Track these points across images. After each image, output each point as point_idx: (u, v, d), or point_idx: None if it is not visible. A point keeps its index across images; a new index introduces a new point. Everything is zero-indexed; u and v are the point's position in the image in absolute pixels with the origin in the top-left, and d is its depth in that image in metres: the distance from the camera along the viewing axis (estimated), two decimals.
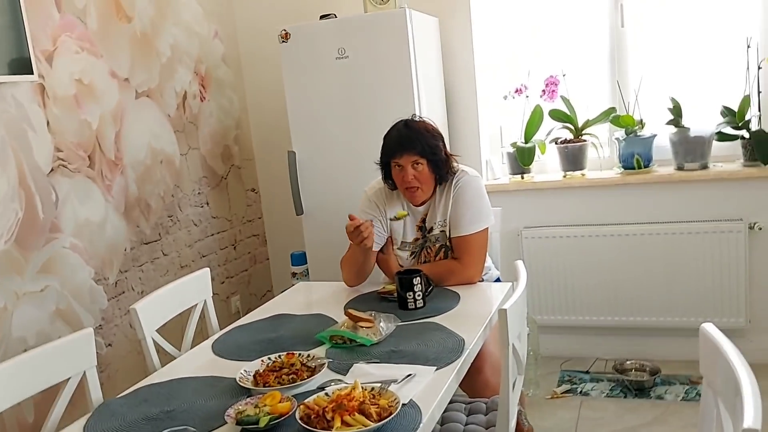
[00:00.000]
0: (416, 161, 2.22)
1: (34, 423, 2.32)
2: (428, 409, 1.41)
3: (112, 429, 1.46)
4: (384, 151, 2.30)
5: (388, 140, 2.29)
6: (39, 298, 2.39)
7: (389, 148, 2.27)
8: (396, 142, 2.25)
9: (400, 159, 2.23)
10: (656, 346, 3.20)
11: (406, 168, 2.23)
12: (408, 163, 2.22)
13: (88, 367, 1.71)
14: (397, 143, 2.24)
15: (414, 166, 2.22)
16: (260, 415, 1.37)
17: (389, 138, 2.29)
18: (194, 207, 3.28)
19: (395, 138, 2.26)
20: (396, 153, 2.24)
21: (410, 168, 2.22)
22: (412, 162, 2.22)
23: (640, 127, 3.09)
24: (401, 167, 2.24)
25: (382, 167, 2.34)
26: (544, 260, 3.26)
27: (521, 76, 3.28)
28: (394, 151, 2.25)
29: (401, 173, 2.25)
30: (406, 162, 2.22)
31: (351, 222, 2.16)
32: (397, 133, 2.27)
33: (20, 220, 2.33)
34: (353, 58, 2.93)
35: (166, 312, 2.11)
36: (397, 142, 2.24)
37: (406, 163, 2.22)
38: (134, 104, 2.91)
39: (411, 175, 2.22)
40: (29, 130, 2.38)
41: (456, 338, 1.77)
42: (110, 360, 2.70)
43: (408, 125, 2.28)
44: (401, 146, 2.23)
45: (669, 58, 3.14)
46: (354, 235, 2.16)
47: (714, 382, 1.23)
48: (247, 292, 3.70)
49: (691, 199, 3.04)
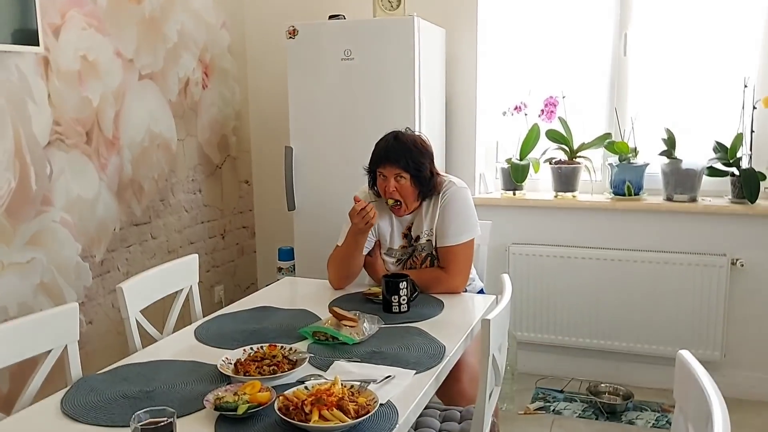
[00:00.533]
0: (399, 174, 2.25)
1: (8, 394, 2.31)
2: (405, 410, 1.42)
3: (90, 404, 1.46)
4: (371, 158, 2.34)
5: (377, 149, 2.33)
6: (24, 270, 2.39)
7: (376, 157, 2.31)
8: (383, 152, 2.29)
9: (384, 169, 2.27)
10: (631, 371, 3.24)
11: (389, 179, 2.26)
12: (391, 175, 2.25)
13: (70, 342, 1.72)
14: (383, 154, 2.28)
15: (397, 179, 2.25)
16: (239, 402, 1.38)
17: (378, 147, 2.33)
18: (187, 193, 3.29)
19: (382, 148, 2.30)
20: (381, 163, 2.28)
21: (393, 180, 2.26)
22: (395, 174, 2.25)
23: (633, 154, 3.14)
24: (385, 177, 2.27)
25: (369, 174, 2.37)
26: (529, 277, 3.29)
27: (522, 94, 3.32)
28: (379, 161, 2.29)
29: (384, 183, 2.28)
30: (390, 173, 2.26)
31: (358, 204, 2.19)
32: (385, 144, 2.30)
33: (12, 190, 2.33)
34: (358, 61, 2.95)
35: (152, 294, 2.11)
36: (384, 153, 2.28)
37: (389, 174, 2.26)
38: (137, 86, 2.91)
39: (392, 186, 2.26)
40: (30, 102, 2.39)
41: (437, 344, 1.79)
42: (90, 338, 2.70)
43: (398, 138, 2.30)
44: (386, 158, 2.26)
45: (668, 89, 3.19)
46: (359, 216, 2.18)
47: (686, 408, 1.26)
48: (232, 283, 3.70)
49: (678, 230, 3.09)
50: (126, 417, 1.29)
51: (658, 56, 3.19)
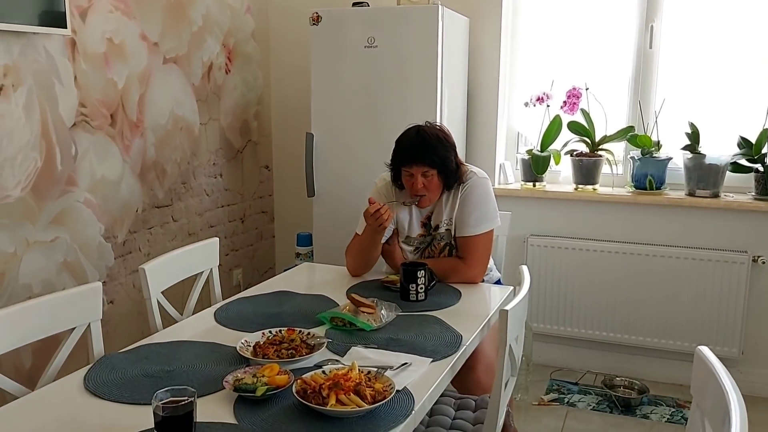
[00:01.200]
0: (426, 171, 2.23)
1: (31, 369, 2.36)
2: (421, 397, 1.44)
3: (112, 381, 1.49)
4: (395, 157, 2.30)
5: (400, 148, 2.28)
6: (48, 248, 2.43)
7: (401, 157, 2.27)
8: (408, 152, 2.24)
9: (411, 168, 2.24)
10: (647, 366, 3.23)
11: (416, 177, 2.23)
12: (418, 173, 2.23)
13: (93, 320, 1.75)
14: (408, 153, 2.24)
15: (423, 175, 2.23)
16: (258, 384, 1.40)
17: (401, 146, 2.28)
18: (208, 177, 3.32)
19: (407, 147, 2.25)
20: (407, 163, 2.24)
21: (420, 177, 2.23)
22: (422, 172, 2.22)
23: (656, 148, 3.11)
24: (411, 175, 2.25)
25: (392, 170, 2.34)
26: (546, 269, 3.28)
27: (544, 85, 3.30)
28: (404, 161, 2.25)
29: (411, 181, 2.25)
30: (417, 171, 2.23)
31: (372, 205, 2.18)
32: (410, 142, 2.25)
33: (38, 170, 2.37)
34: (382, 49, 2.95)
35: (173, 276, 2.14)
36: (409, 153, 2.23)
37: (416, 172, 2.23)
38: (161, 69, 2.94)
39: (420, 183, 2.23)
40: (57, 83, 2.42)
41: (454, 333, 1.80)
42: (111, 317, 2.74)
43: (420, 134, 2.25)
44: (412, 157, 2.22)
45: (693, 83, 3.15)
46: (373, 218, 2.17)
47: (703, 404, 1.26)
48: (250, 267, 3.73)
49: (699, 225, 3.06)
50: (147, 395, 1.32)
51: (683, 49, 3.15)
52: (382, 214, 2.16)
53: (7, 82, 2.22)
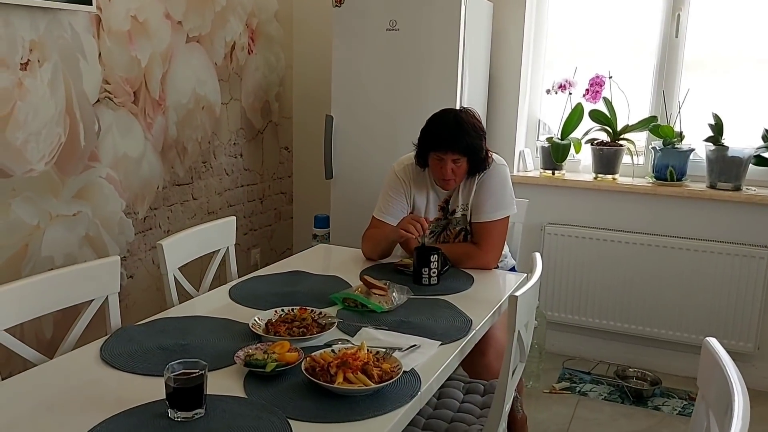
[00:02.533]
0: (458, 159, 2.20)
1: (51, 339, 2.42)
2: (428, 379, 1.45)
3: (128, 352, 1.53)
4: (427, 139, 2.24)
5: (435, 131, 2.22)
6: (70, 222, 2.48)
7: (434, 141, 2.21)
8: (443, 137, 2.19)
9: (443, 154, 2.20)
10: (661, 358, 3.22)
11: (446, 162, 2.20)
12: (449, 159, 2.20)
13: (111, 293, 1.79)
14: (443, 139, 2.18)
15: (454, 162, 2.21)
16: (268, 360, 1.43)
17: (436, 129, 2.23)
18: (228, 157, 3.35)
19: (443, 133, 2.19)
20: (440, 148, 2.20)
21: (450, 163, 2.20)
22: (453, 159, 2.20)
23: (678, 139, 3.07)
24: (442, 160, 2.21)
25: (418, 149, 2.30)
26: (562, 258, 3.28)
27: (567, 72, 3.27)
28: (438, 145, 2.20)
29: (440, 165, 2.22)
30: (449, 158, 2.20)
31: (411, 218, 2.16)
32: (446, 128, 2.20)
33: (62, 145, 2.41)
34: (404, 32, 2.94)
35: (190, 252, 2.18)
36: (444, 138, 2.18)
37: (448, 158, 2.20)
38: (184, 48, 2.96)
39: (450, 169, 2.21)
40: (81, 59, 2.45)
41: (464, 318, 1.82)
42: (130, 291, 2.80)
43: (458, 121, 2.20)
44: (447, 143, 2.17)
45: (718, 74, 3.10)
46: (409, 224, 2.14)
47: (708, 395, 1.26)
48: (268, 247, 3.77)
49: (719, 218, 3.03)
50: (161, 367, 1.35)
51: (709, 39, 3.10)
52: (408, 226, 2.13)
53: (33, 57, 2.26)
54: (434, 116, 2.28)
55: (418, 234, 2.14)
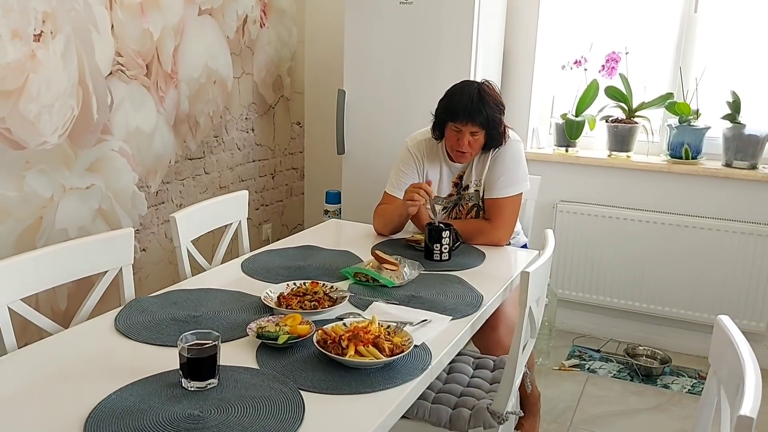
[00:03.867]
0: (476, 131, 2.19)
1: (66, 311, 2.45)
2: (438, 353, 1.46)
3: (141, 323, 1.55)
4: (447, 110, 2.21)
5: (456, 102, 2.18)
6: (84, 195, 2.50)
7: (454, 111, 2.18)
8: (463, 108, 2.15)
9: (463, 125, 2.18)
10: (671, 336, 3.22)
11: (464, 133, 2.18)
12: (467, 131, 2.18)
13: (125, 264, 1.80)
14: (464, 110, 2.15)
15: (472, 134, 2.19)
16: (280, 332, 1.44)
17: (457, 99, 2.18)
18: (240, 131, 3.35)
19: (464, 103, 2.15)
20: (459, 119, 2.17)
21: (468, 135, 2.18)
22: (471, 131, 2.18)
23: (694, 117, 3.04)
24: (459, 131, 2.19)
25: (435, 119, 2.28)
26: (575, 236, 3.26)
27: (583, 48, 3.23)
28: (457, 116, 2.17)
29: (457, 136, 2.20)
30: (467, 130, 2.18)
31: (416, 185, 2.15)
32: (468, 100, 2.16)
33: (75, 117, 2.42)
34: (417, 5, 2.91)
35: (203, 226, 2.19)
36: (465, 109, 2.15)
37: (466, 130, 2.18)
38: (196, 21, 2.94)
39: (466, 142, 2.19)
40: (94, 31, 2.44)
41: (475, 293, 1.82)
42: (143, 264, 2.82)
43: (481, 94, 2.17)
44: (468, 114, 2.15)
45: (737, 51, 3.05)
46: (412, 192, 2.13)
47: (720, 371, 1.26)
48: (279, 223, 3.78)
49: (734, 197, 3.00)
50: (174, 337, 1.36)
51: (730, 15, 3.04)
52: (413, 195, 2.12)
53: (45, 28, 2.26)
54: (455, 87, 2.25)
55: (424, 200, 2.13)
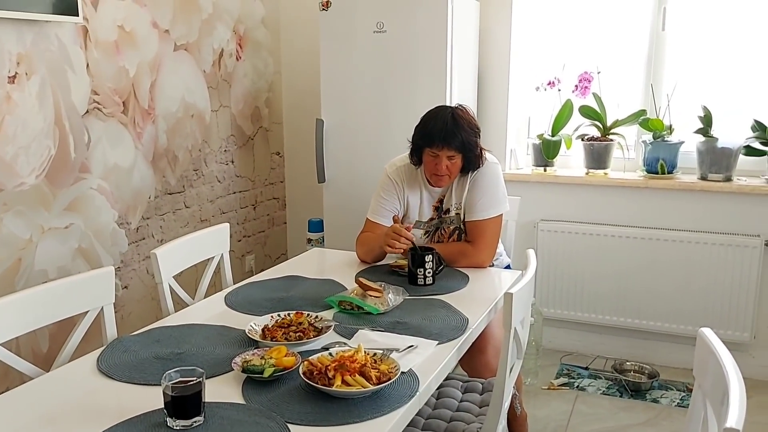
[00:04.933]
0: (453, 155, 2.21)
1: (48, 353, 2.41)
2: (426, 379, 1.46)
3: (124, 363, 1.53)
4: (423, 136, 2.24)
5: (431, 128, 2.22)
6: (63, 235, 2.48)
7: (429, 137, 2.21)
8: (438, 133, 2.19)
9: (439, 150, 2.20)
10: (658, 351, 3.23)
11: (441, 158, 2.21)
12: (444, 156, 2.20)
13: (106, 304, 1.78)
14: (439, 135, 2.18)
15: (449, 158, 2.21)
16: (265, 366, 1.42)
17: (432, 126, 2.22)
18: (220, 164, 3.34)
19: (439, 129, 2.19)
20: (435, 144, 2.20)
21: (445, 160, 2.21)
22: (448, 155, 2.21)
23: (668, 132, 3.09)
24: (436, 156, 2.22)
25: (413, 146, 2.31)
26: (557, 254, 3.28)
27: (555, 69, 3.29)
28: (433, 141, 2.20)
29: (434, 162, 2.23)
30: (444, 154, 2.20)
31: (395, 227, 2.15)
32: (443, 124, 2.19)
33: (52, 157, 2.41)
34: (391, 33, 2.95)
35: (184, 260, 2.17)
36: (440, 135, 2.18)
37: (443, 155, 2.20)
38: (172, 56, 2.96)
39: (444, 166, 2.22)
40: (69, 71, 2.45)
41: (460, 317, 1.82)
42: (125, 302, 2.79)
43: (455, 118, 2.21)
44: (442, 140, 2.18)
45: (706, 66, 3.12)
46: (388, 238, 2.15)
47: (704, 384, 1.26)
48: (262, 253, 3.77)
49: (711, 210, 3.05)
50: (158, 376, 1.35)
51: (697, 32, 3.12)
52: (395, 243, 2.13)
53: (20, 70, 2.25)
54: (429, 113, 2.28)
55: (405, 249, 2.14)
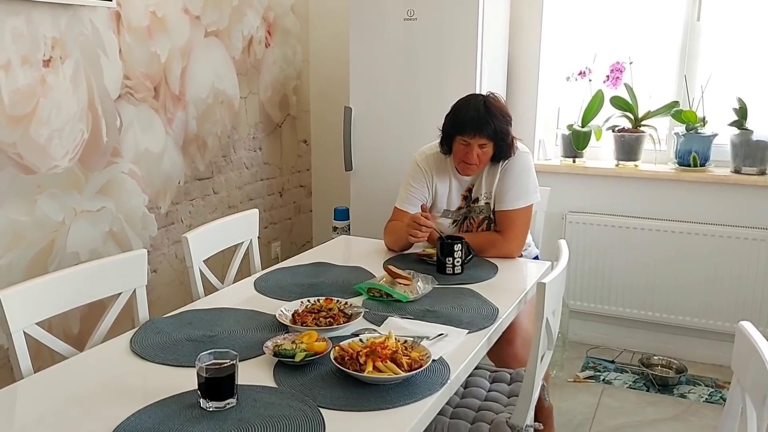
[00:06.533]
0: (484, 143, 2.19)
1: (79, 334, 2.45)
2: (457, 368, 1.45)
3: (157, 344, 1.54)
4: (454, 124, 2.22)
5: (463, 116, 2.19)
6: (95, 218, 2.50)
7: (461, 125, 2.19)
8: (471, 121, 2.16)
9: (470, 138, 2.18)
10: (686, 346, 3.19)
11: (472, 146, 2.18)
12: (476, 144, 2.18)
13: (138, 286, 1.80)
14: (471, 123, 2.16)
15: (480, 147, 2.19)
16: (296, 350, 1.43)
17: (464, 113, 2.19)
18: (248, 150, 3.36)
19: (471, 116, 2.16)
20: (467, 132, 2.17)
21: (476, 148, 2.19)
22: (480, 143, 2.19)
23: (701, 124, 3.03)
24: (468, 145, 2.19)
25: (443, 134, 2.28)
26: (585, 246, 3.25)
27: (587, 59, 3.24)
28: (465, 129, 2.17)
29: (465, 150, 2.20)
30: (475, 142, 2.18)
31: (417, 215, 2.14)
32: (475, 112, 2.17)
33: (85, 141, 2.43)
34: (421, 21, 2.93)
35: (214, 245, 2.19)
36: (472, 122, 2.16)
37: (474, 143, 2.18)
38: (202, 42, 2.97)
39: (476, 154, 2.19)
40: (102, 56, 2.46)
41: (490, 306, 1.81)
42: (154, 286, 2.82)
43: (487, 105, 2.18)
44: (475, 127, 2.15)
45: (742, 57, 3.05)
46: (411, 228, 2.14)
47: (744, 380, 1.24)
48: (288, 240, 3.78)
49: (745, 204, 2.99)
50: (191, 358, 1.36)
51: (733, 22, 3.05)
52: (416, 233, 2.13)
53: (55, 54, 2.28)
54: (461, 101, 2.26)
55: (424, 237, 2.14)
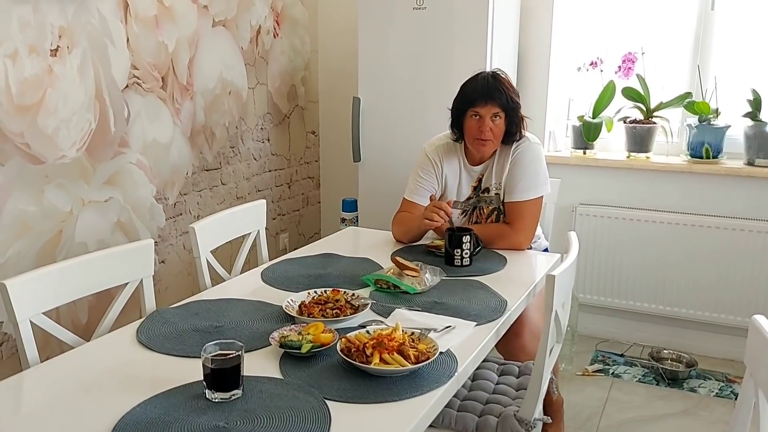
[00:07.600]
0: (496, 113, 2.18)
1: (87, 324, 2.45)
2: (464, 360, 1.43)
3: (163, 334, 1.54)
4: (464, 97, 2.22)
5: (472, 88, 2.21)
6: (102, 208, 2.50)
7: (471, 96, 2.19)
8: (481, 91, 2.17)
9: (481, 109, 2.17)
10: (697, 340, 3.16)
11: (485, 119, 2.17)
12: (488, 114, 2.17)
13: (145, 276, 1.80)
14: (482, 92, 2.17)
15: (492, 119, 2.18)
16: (303, 341, 1.42)
17: (472, 86, 2.21)
18: (256, 141, 3.34)
19: (481, 87, 2.18)
20: (479, 101, 2.17)
21: (489, 119, 2.17)
22: (492, 114, 2.17)
23: (714, 115, 2.99)
24: (480, 117, 2.18)
25: (454, 115, 2.27)
26: (595, 239, 3.22)
27: (598, 50, 3.20)
28: (476, 100, 2.18)
29: (478, 123, 2.19)
30: (487, 113, 2.17)
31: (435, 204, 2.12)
32: (484, 82, 2.19)
33: (93, 131, 2.42)
34: (430, 10, 2.90)
35: (222, 236, 2.18)
36: (483, 92, 2.17)
37: (486, 113, 2.17)
38: (210, 32, 2.95)
39: (488, 126, 2.17)
40: (110, 45, 2.45)
41: (499, 299, 1.79)
42: (162, 276, 2.81)
43: (495, 77, 2.21)
44: (486, 95, 2.16)
45: (757, 47, 3.01)
46: (432, 212, 2.11)
47: (758, 374, 1.22)
48: (296, 232, 3.77)
49: (758, 196, 2.95)
50: (197, 348, 1.35)
51: (748, 11, 3.00)
52: (433, 216, 2.10)
53: (62, 43, 2.27)
54: (468, 79, 2.27)
55: (442, 221, 2.12)
